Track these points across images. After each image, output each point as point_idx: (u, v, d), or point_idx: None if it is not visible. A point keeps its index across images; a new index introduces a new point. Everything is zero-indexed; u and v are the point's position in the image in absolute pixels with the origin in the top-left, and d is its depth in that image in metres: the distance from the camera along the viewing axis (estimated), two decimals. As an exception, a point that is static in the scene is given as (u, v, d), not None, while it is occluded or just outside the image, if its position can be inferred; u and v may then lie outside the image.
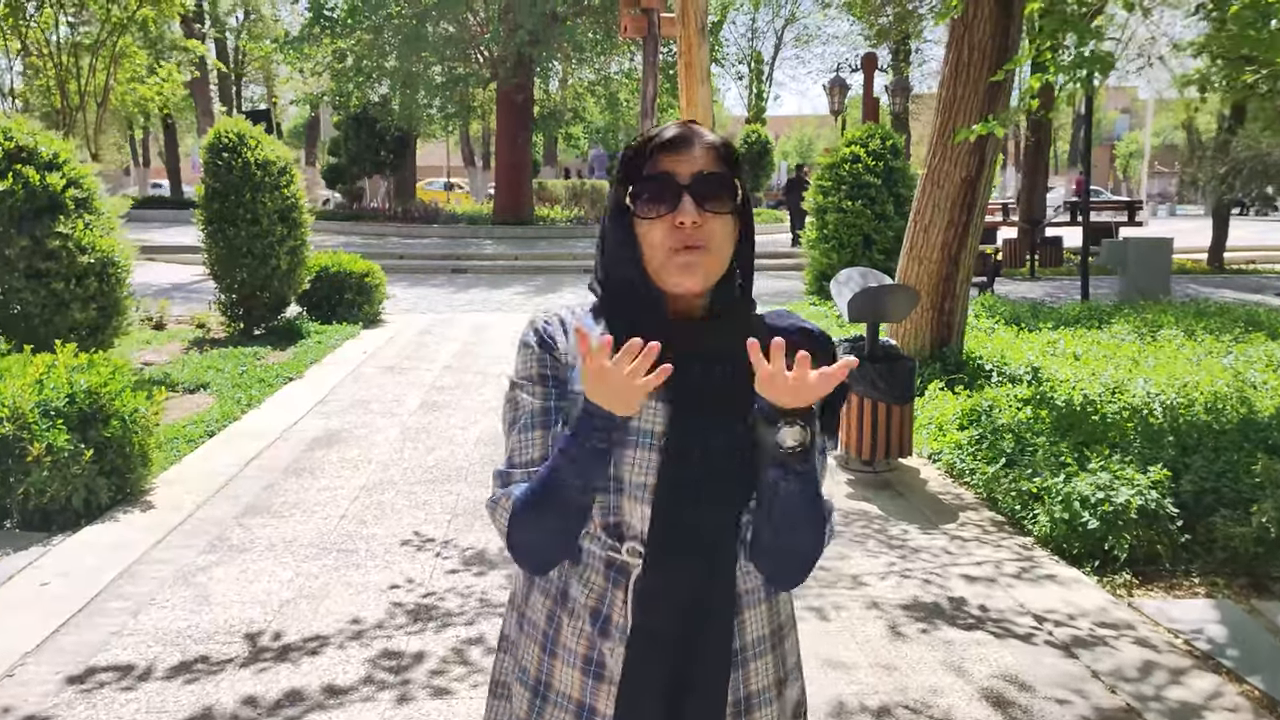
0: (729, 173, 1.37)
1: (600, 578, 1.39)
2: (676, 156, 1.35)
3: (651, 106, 15.83)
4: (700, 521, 1.35)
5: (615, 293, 1.42)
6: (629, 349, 1.24)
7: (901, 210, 11.08)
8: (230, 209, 10.07)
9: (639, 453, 1.35)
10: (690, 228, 1.32)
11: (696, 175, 1.34)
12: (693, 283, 1.34)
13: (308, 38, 20.99)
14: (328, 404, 7.58)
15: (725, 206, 1.35)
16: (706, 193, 1.34)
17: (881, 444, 5.65)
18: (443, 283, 16.70)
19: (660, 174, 1.35)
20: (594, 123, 26.23)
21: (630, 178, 1.38)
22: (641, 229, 1.36)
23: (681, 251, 1.33)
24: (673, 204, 1.33)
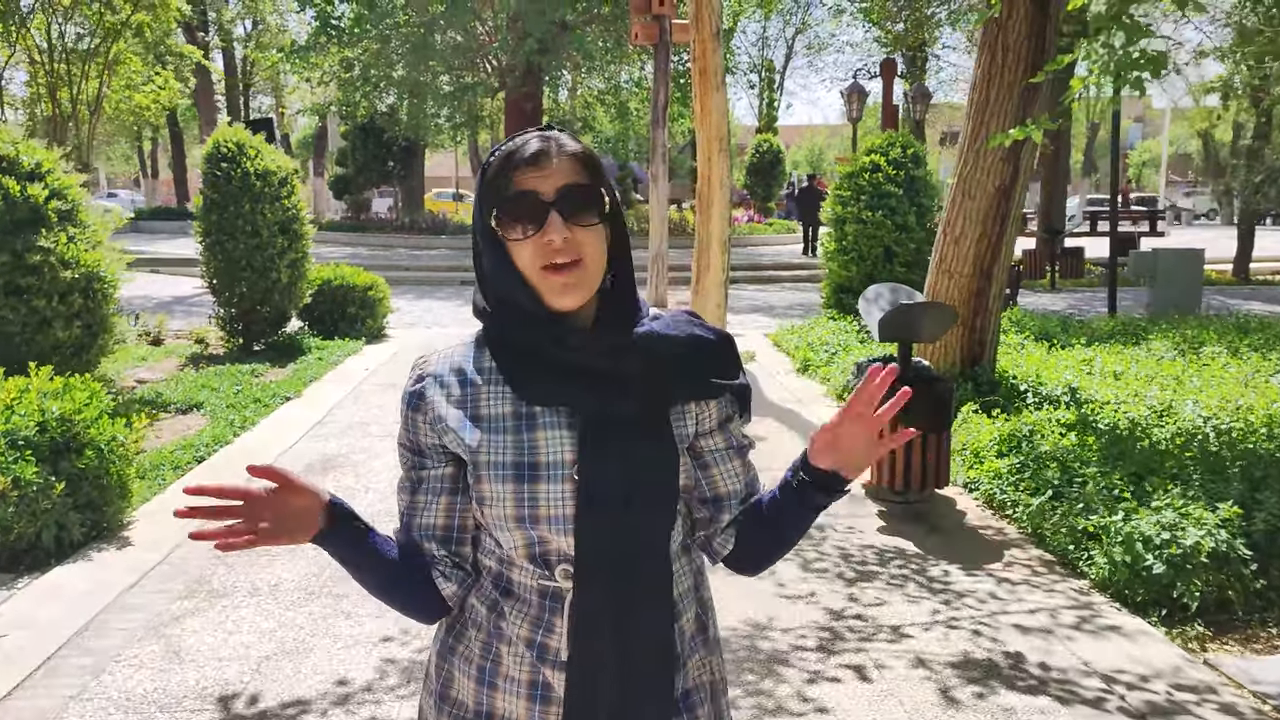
0: (593, 183, 1.33)
1: (534, 609, 1.35)
2: (539, 172, 1.30)
3: (663, 114, 15.47)
4: (627, 537, 1.32)
5: (501, 316, 1.37)
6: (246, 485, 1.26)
7: (924, 221, 10.69)
8: (229, 220, 9.73)
9: (551, 486, 1.31)
10: (561, 244, 1.28)
11: (560, 190, 1.30)
12: (572, 301, 1.31)
13: (314, 47, 20.70)
14: (325, 425, 7.21)
15: (593, 218, 1.32)
16: (573, 207, 1.30)
17: (916, 474, 5.24)
18: (450, 295, 16.35)
19: (524, 192, 1.30)
20: (603, 132, 25.89)
21: (493, 197, 1.32)
22: (512, 249, 1.32)
23: (555, 271, 1.29)
24: (539, 222, 1.29)
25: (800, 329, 10.99)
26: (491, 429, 1.34)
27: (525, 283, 1.32)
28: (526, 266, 1.31)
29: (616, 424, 1.32)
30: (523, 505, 1.31)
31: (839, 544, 4.84)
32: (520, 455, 1.32)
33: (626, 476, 1.31)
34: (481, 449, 1.33)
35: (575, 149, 1.34)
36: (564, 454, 1.32)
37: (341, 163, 26.41)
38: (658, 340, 1.36)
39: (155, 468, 5.91)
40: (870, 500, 5.52)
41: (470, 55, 21.64)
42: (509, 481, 1.31)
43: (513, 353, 1.35)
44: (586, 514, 1.30)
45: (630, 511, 1.32)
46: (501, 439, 1.33)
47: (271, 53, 23.28)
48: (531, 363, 1.33)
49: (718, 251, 10.07)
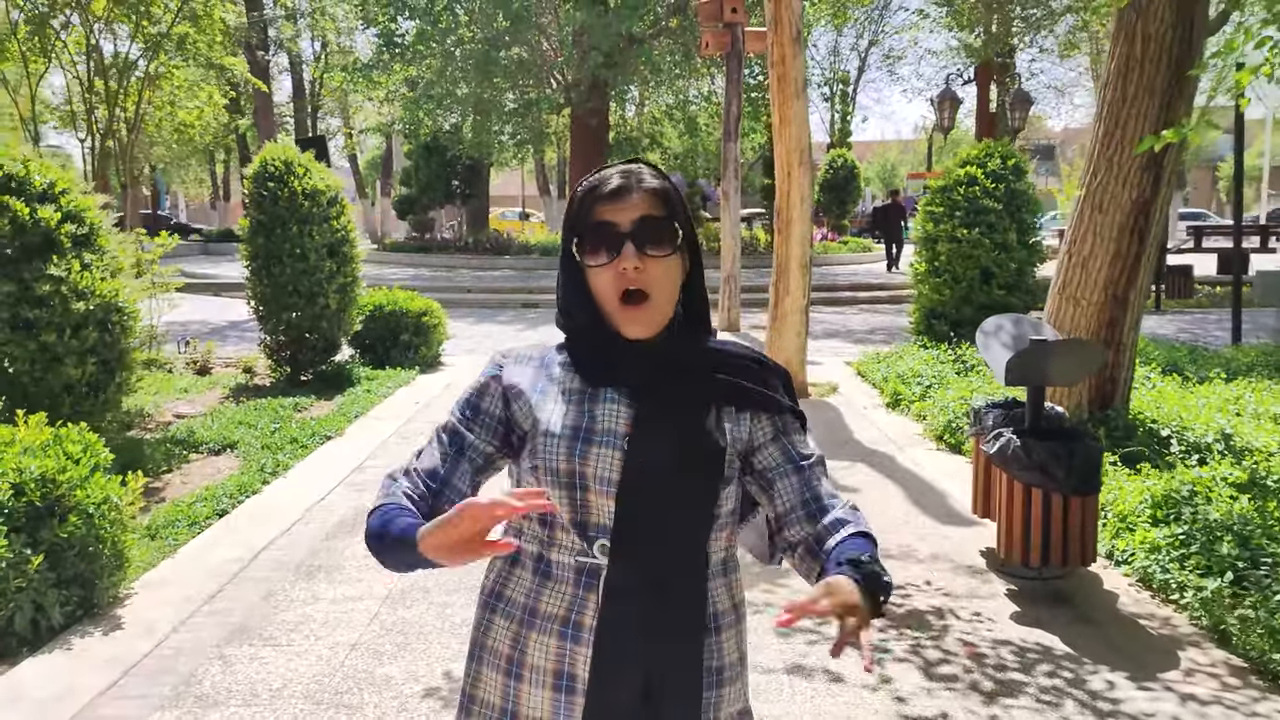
0: (669, 216, 1.44)
1: (570, 586, 1.42)
2: (618, 205, 1.43)
3: (735, 128, 14.66)
4: (666, 514, 1.40)
5: (575, 331, 1.50)
6: None
7: (1026, 239, 9.69)
8: (275, 243, 9.14)
9: (602, 450, 1.41)
10: (633, 272, 1.40)
11: (636, 221, 1.42)
12: (640, 331, 1.44)
13: (377, 65, 20.32)
14: (365, 471, 6.49)
15: (666, 250, 1.43)
16: (646, 238, 1.42)
17: (1056, 547, 4.30)
18: (512, 319, 15.68)
19: (603, 223, 1.43)
20: (672, 148, 25.15)
21: (576, 226, 1.46)
22: (589, 275, 1.44)
23: (628, 304, 1.42)
24: (615, 251, 1.41)
25: (887, 357, 10.05)
26: (558, 400, 1.47)
27: (598, 308, 1.45)
28: (602, 292, 1.44)
29: (670, 408, 1.44)
30: (574, 458, 1.41)
31: (966, 637, 3.94)
32: (579, 421, 1.44)
33: (673, 455, 1.40)
34: (542, 417, 1.45)
35: (653, 184, 1.46)
36: (619, 424, 1.43)
37: (406, 182, 26.05)
38: (718, 353, 1.51)
39: (169, 524, 5.23)
40: (996, 574, 4.61)
41: (535, 71, 21.07)
42: (564, 439, 1.42)
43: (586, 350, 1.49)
44: (631, 480, 1.39)
45: (672, 487, 1.40)
46: (564, 409, 1.45)
47: (335, 72, 22.98)
48: (603, 357, 1.47)
49: (798, 274, 9.21)
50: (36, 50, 7.91)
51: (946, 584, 4.50)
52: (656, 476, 1.39)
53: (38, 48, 7.91)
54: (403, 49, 19.87)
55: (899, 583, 4.50)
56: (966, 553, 4.91)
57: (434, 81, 20.25)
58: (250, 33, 20.27)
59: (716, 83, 23.57)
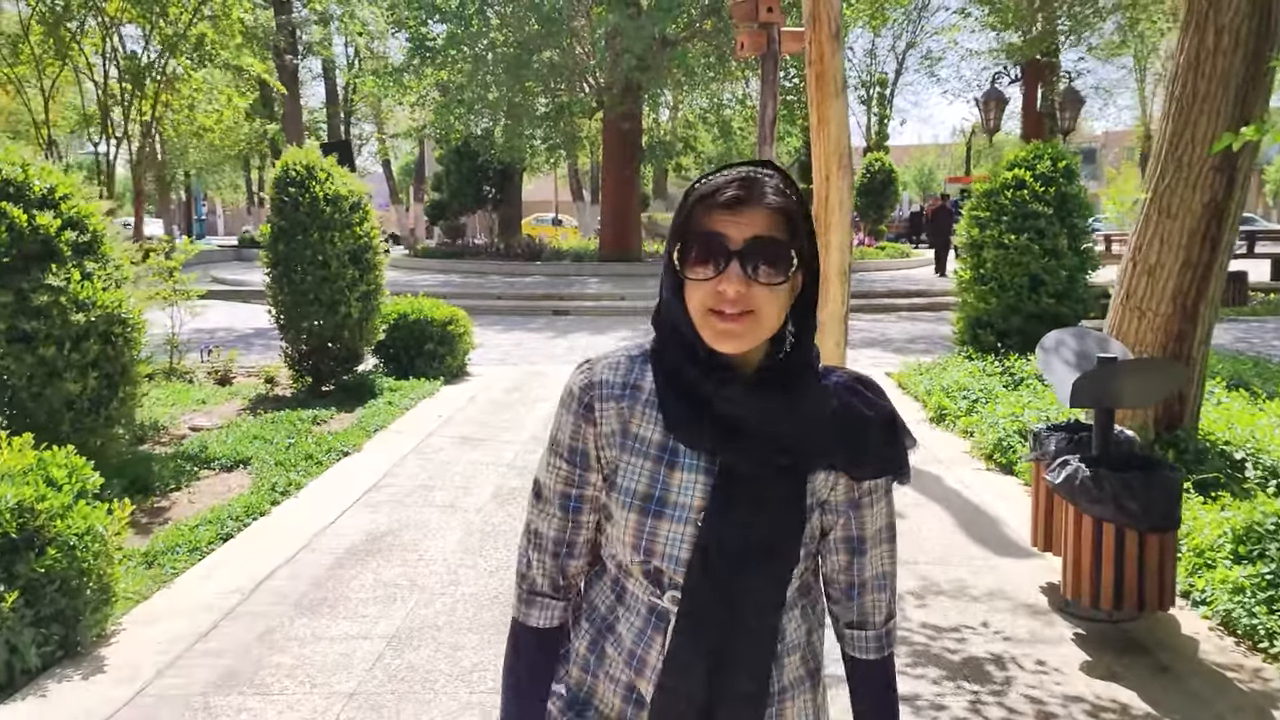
0: (788, 241, 1.27)
1: (640, 620, 1.38)
2: (734, 217, 1.26)
3: (770, 131, 14.21)
4: (736, 592, 1.32)
5: (667, 340, 1.36)
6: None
7: (1077, 245, 9.21)
8: (296, 250, 8.87)
9: (674, 526, 1.33)
10: (733, 295, 1.25)
11: (750, 241, 1.25)
12: (730, 347, 1.28)
13: (408, 68, 20.11)
14: (381, 490, 6.17)
15: (777, 277, 1.27)
16: (758, 261, 1.25)
17: (1131, 589, 3.87)
18: (542, 326, 15.37)
19: (711, 233, 1.26)
20: (705, 152, 24.76)
21: (682, 230, 1.30)
22: (687, 286, 1.29)
23: (720, 317, 1.26)
24: (719, 268, 1.26)
25: (929, 369, 9.60)
26: (635, 451, 1.35)
27: (690, 319, 1.30)
28: (696, 305, 1.28)
29: (751, 481, 1.31)
30: (642, 537, 1.34)
31: (1032, 692, 3.53)
32: (652, 488, 1.34)
33: (748, 536, 1.31)
34: (620, 469, 1.35)
35: (777, 202, 1.28)
36: (694, 499, 1.33)
37: (437, 188, 25.86)
38: (820, 405, 1.33)
39: (169, 550, 4.93)
40: (1060, 616, 4.18)
41: (567, 74, 20.78)
42: (635, 511, 1.34)
43: (671, 381, 1.34)
44: (700, 563, 1.31)
45: (745, 568, 1.31)
46: (640, 465, 1.34)
47: (367, 77, 22.84)
48: (687, 398, 1.32)
49: (837, 282, 8.78)
50: (51, 53, 7.68)
51: (1006, 626, 4.08)
52: (727, 559, 1.31)
53: (52, 50, 7.67)
54: (433, 53, 19.64)
55: (953, 625, 4.09)
56: (1025, 589, 4.49)
57: (465, 85, 20.02)
58: (278, 36, 20.13)
59: (751, 86, 23.17)
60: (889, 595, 1.45)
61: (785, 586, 1.36)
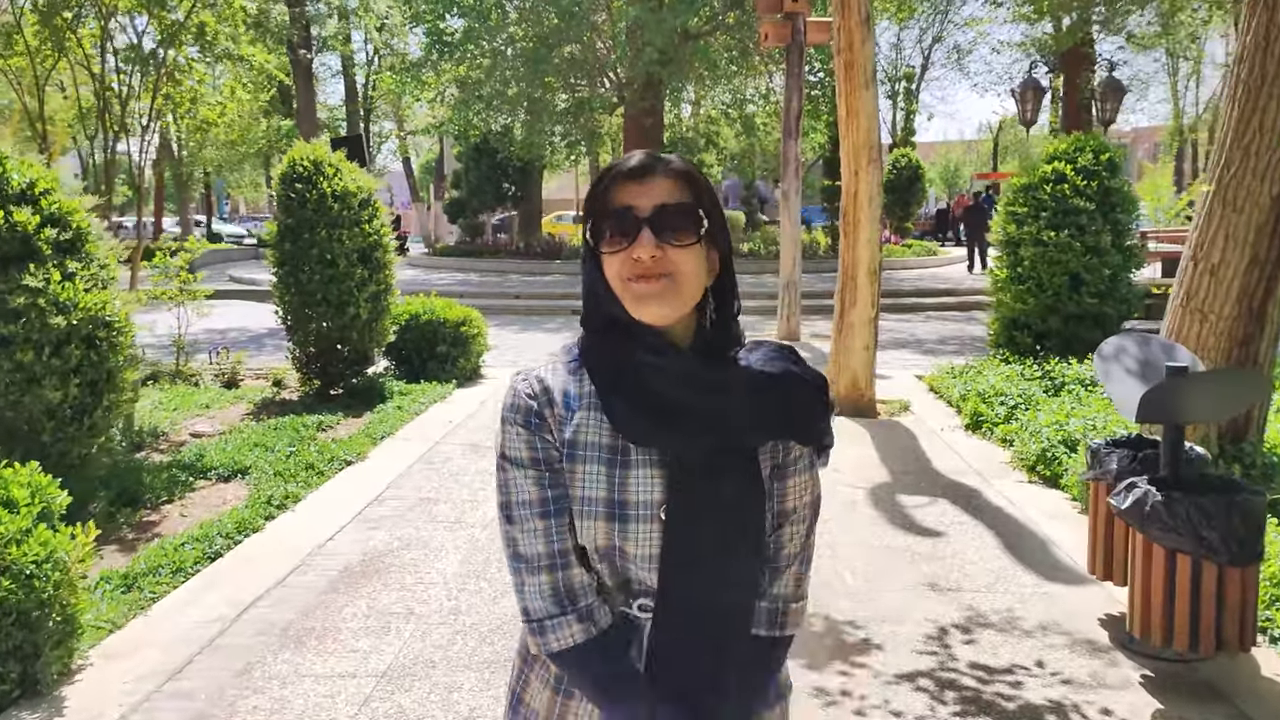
0: (693, 203, 1.32)
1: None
2: (637, 187, 1.31)
3: (796, 125, 13.78)
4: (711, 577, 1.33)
5: (598, 330, 1.37)
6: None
7: (1120, 241, 8.74)
8: (303, 249, 8.55)
9: (640, 525, 1.32)
10: (649, 261, 1.28)
11: (657, 207, 1.30)
12: (653, 310, 1.30)
13: (426, 64, 19.79)
14: (383, 504, 5.81)
15: (688, 238, 1.31)
16: (667, 224, 1.30)
17: (1208, 628, 3.44)
18: (559, 326, 15.00)
19: (620, 207, 1.31)
20: (728, 149, 24.31)
21: (592, 210, 1.34)
22: (604, 261, 1.32)
23: (635, 281, 1.29)
24: (631, 237, 1.30)
25: (963, 371, 9.16)
26: (587, 459, 1.34)
27: (613, 297, 1.31)
28: (614, 280, 1.31)
29: (707, 466, 1.31)
30: (612, 539, 1.33)
31: (1098, 748, 3.12)
32: (612, 492, 1.33)
33: (715, 519, 1.32)
34: (577, 478, 1.34)
35: (679, 166, 1.34)
36: (654, 494, 1.32)
37: (456, 185, 25.56)
38: (754, 377, 1.35)
39: (150, 571, 4.58)
40: (1123, 654, 3.76)
41: (587, 69, 20.41)
42: (600, 518, 1.33)
43: (609, 379, 1.34)
44: (670, 554, 1.32)
45: (717, 553, 1.32)
46: (596, 470, 1.33)
47: (385, 74, 22.54)
48: (627, 393, 1.32)
49: (866, 281, 8.37)
50: (48, 45, 7.37)
51: (1063, 666, 3.67)
52: (698, 546, 1.32)
53: (49, 41, 7.37)
54: (451, 48, 19.31)
55: (1005, 664, 3.68)
56: (1082, 621, 4.07)
57: (483, 81, 19.68)
58: (291, 30, 19.85)
59: (775, 81, 22.74)
60: (796, 571, 1.42)
61: (758, 563, 1.37)
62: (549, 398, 1.36)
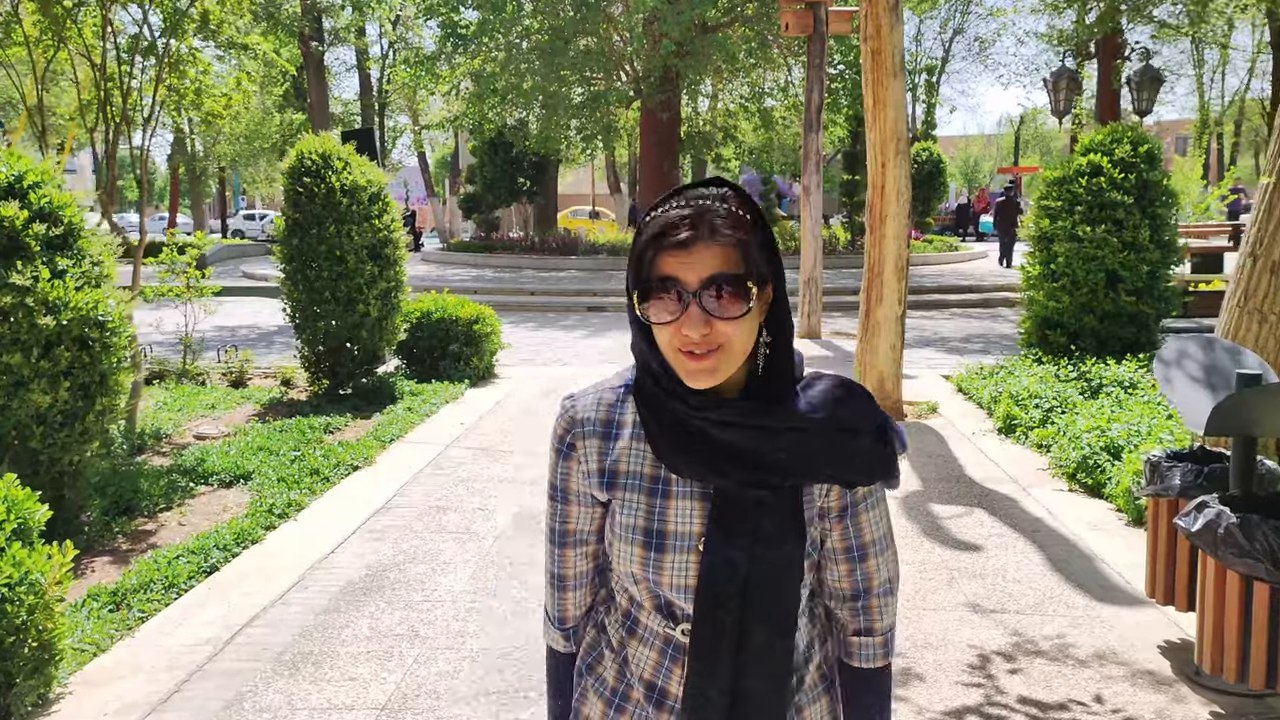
0: (744, 274, 1.25)
1: (655, 651, 1.37)
2: (686, 258, 1.24)
3: (817, 118, 13.44)
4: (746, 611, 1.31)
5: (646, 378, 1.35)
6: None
7: (1160, 237, 8.38)
8: (311, 245, 8.30)
9: (676, 556, 1.32)
10: (698, 339, 1.24)
11: (705, 280, 1.24)
12: (706, 383, 1.27)
13: (440, 57, 19.52)
14: (390, 513, 5.54)
15: (736, 311, 1.25)
16: (715, 300, 1.24)
17: (1287, 663, 3.13)
18: (575, 324, 14.72)
19: (666, 278, 1.25)
20: (746, 142, 23.93)
21: (637, 274, 1.28)
22: (654, 330, 1.28)
23: (689, 358, 1.25)
24: (678, 312, 1.24)
25: (992, 372, 8.83)
26: (628, 486, 1.35)
27: (660, 358, 1.30)
28: (664, 345, 1.28)
29: (748, 501, 1.30)
30: (648, 569, 1.33)
31: (1170, 800, 2.81)
32: (650, 521, 1.33)
33: (753, 556, 1.30)
34: (616, 505, 1.36)
35: (728, 236, 1.25)
36: (693, 526, 1.32)
37: (471, 180, 25.30)
38: (808, 421, 1.31)
39: (142, 588, 4.32)
40: (1190, 688, 3.45)
41: (603, 62, 20.09)
42: (638, 546, 1.33)
43: (657, 412, 1.32)
44: (708, 588, 1.30)
45: (753, 590, 1.30)
46: (636, 499, 1.35)
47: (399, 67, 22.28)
48: (673, 428, 1.31)
49: (893, 279, 8.04)
50: (49, 34, 7.12)
51: (1124, 702, 3.36)
52: (735, 582, 1.30)
53: (48, 30, 7.12)
54: (465, 40, 19.02)
55: (1060, 700, 3.37)
56: (1142, 649, 3.75)
57: (498, 74, 19.39)
58: (303, 22, 19.58)
59: (793, 74, 22.38)
60: (892, 601, 1.44)
61: (796, 602, 1.34)
62: (586, 428, 1.38)
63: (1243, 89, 38.98)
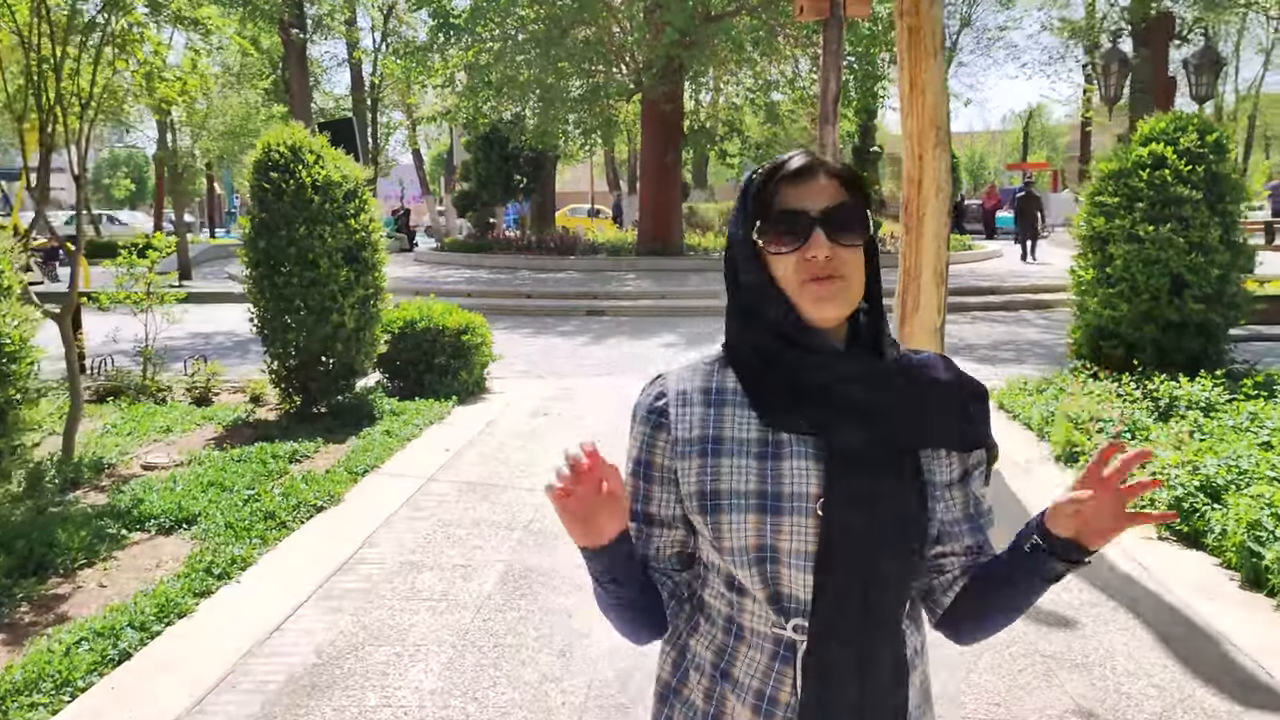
0: (859, 204, 1.28)
1: (765, 656, 1.28)
2: (804, 188, 1.26)
3: (833, 108, 12.39)
4: (869, 581, 1.24)
5: (750, 328, 1.31)
6: (573, 469, 1.19)
7: (1230, 237, 7.48)
8: (279, 247, 7.40)
9: (795, 519, 1.25)
10: (823, 260, 1.24)
11: (826, 208, 1.25)
12: (832, 312, 1.25)
13: (432, 47, 18.59)
14: (353, 571, 4.62)
15: (857, 238, 1.27)
16: (838, 225, 1.26)
17: None
18: (574, 329, 13.80)
19: (790, 209, 1.26)
20: (752, 137, 22.99)
21: (758, 211, 1.28)
22: (772, 262, 1.28)
23: (814, 283, 1.24)
24: (804, 238, 1.25)
25: (1038, 388, 7.94)
26: (735, 453, 1.28)
27: (780, 295, 1.27)
28: (786, 279, 1.27)
29: (867, 460, 1.24)
30: (764, 535, 1.26)
31: None
32: (764, 484, 1.26)
33: (874, 516, 1.23)
34: (724, 475, 1.28)
35: (839, 168, 1.29)
36: (809, 486, 1.25)
37: (465, 177, 24.38)
38: (916, 374, 1.30)
39: (26, 688, 3.41)
40: None
41: (603, 52, 19.17)
42: (751, 511, 1.26)
43: (759, 371, 1.30)
44: (828, 553, 1.23)
45: (875, 553, 1.23)
46: (745, 464, 1.27)
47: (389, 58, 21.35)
48: (778, 384, 1.28)
49: (932, 285, 7.12)
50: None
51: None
52: (856, 544, 1.23)
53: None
54: (458, 30, 18.09)
55: None
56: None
57: (492, 66, 18.46)
58: (283, 8, 18.63)
59: (801, 66, 21.46)
60: None
61: (917, 571, 1.29)
62: (683, 396, 1.32)
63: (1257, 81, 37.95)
